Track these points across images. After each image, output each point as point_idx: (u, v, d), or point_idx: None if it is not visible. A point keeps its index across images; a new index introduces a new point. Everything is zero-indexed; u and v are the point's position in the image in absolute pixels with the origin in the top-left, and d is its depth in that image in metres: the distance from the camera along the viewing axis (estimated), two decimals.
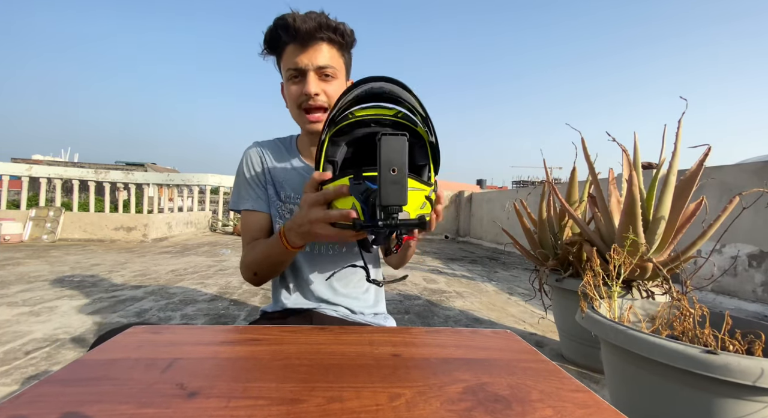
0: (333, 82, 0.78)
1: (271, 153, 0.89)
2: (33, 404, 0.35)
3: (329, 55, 0.76)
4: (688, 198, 1.33)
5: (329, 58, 0.76)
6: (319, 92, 0.76)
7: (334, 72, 0.77)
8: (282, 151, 0.89)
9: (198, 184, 7.68)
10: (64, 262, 3.86)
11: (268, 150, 0.89)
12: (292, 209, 0.85)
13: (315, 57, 0.74)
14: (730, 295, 2.72)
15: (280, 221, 0.86)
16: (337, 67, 0.78)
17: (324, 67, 0.75)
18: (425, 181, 0.55)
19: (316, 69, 0.75)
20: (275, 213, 0.86)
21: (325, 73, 0.76)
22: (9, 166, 6.52)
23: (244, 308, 2.37)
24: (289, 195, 0.85)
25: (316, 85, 0.76)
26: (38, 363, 1.50)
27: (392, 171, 0.45)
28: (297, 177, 0.86)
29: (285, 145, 0.91)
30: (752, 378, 0.70)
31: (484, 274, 3.88)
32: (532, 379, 0.44)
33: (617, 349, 0.91)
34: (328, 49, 0.75)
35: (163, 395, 0.37)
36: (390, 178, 0.44)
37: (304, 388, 0.40)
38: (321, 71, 0.76)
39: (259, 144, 0.90)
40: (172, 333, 0.55)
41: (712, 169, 2.81)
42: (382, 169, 0.45)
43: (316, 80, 0.76)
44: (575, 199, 1.85)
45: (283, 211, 0.85)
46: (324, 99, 0.77)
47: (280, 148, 0.90)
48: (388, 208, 0.45)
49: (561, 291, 1.65)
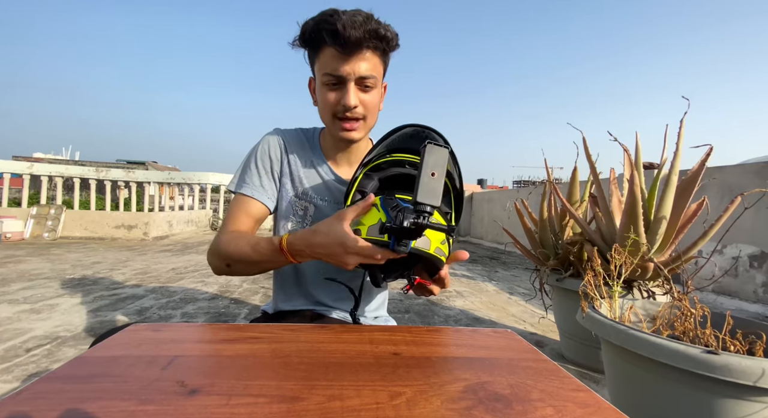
0: (371, 92, 0.74)
1: (293, 145, 0.84)
2: (34, 400, 0.35)
3: (372, 64, 0.71)
4: (689, 198, 1.32)
5: (371, 68, 0.71)
6: (358, 104, 0.72)
7: (374, 82, 0.73)
8: (305, 146, 0.85)
9: (199, 183, 7.69)
10: (65, 260, 3.86)
11: (290, 141, 0.84)
12: (306, 207, 0.82)
13: (357, 67, 0.70)
14: (731, 295, 2.72)
15: (292, 218, 0.83)
16: (378, 75, 0.73)
17: (366, 77, 0.71)
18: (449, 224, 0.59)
19: (358, 79, 0.71)
20: (287, 208, 0.83)
21: (365, 84, 0.72)
22: (10, 164, 6.53)
23: (245, 306, 2.38)
24: (306, 192, 0.82)
25: (356, 98, 0.71)
26: (39, 361, 1.50)
27: (432, 174, 0.47)
28: (317, 176, 0.83)
29: (308, 138, 0.86)
30: (753, 378, 0.70)
31: (484, 273, 3.88)
32: (533, 378, 0.44)
33: (618, 349, 0.91)
34: (371, 57, 0.71)
35: (164, 393, 0.37)
36: (429, 179, 0.47)
37: (305, 386, 0.40)
38: (362, 82, 0.72)
39: (281, 132, 0.85)
40: (172, 331, 0.55)
41: (714, 169, 2.81)
42: (423, 170, 0.47)
43: (356, 91, 0.72)
44: (576, 198, 1.84)
45: (296, 207, 0.82)
46: (361, 111, 0.73)
47: (303, 141, 0.85)
48: (420, 205, 0.46)
49: (562, 291, 1.65)
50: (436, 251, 0.55)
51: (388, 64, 0.78)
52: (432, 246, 0.54)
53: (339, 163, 0.84)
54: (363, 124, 0.76)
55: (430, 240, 0.53)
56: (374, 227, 0.55)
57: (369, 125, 0.78)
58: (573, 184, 1.85)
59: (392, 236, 0.51)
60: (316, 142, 0.85)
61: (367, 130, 0.79)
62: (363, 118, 0.75)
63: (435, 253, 0.54)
